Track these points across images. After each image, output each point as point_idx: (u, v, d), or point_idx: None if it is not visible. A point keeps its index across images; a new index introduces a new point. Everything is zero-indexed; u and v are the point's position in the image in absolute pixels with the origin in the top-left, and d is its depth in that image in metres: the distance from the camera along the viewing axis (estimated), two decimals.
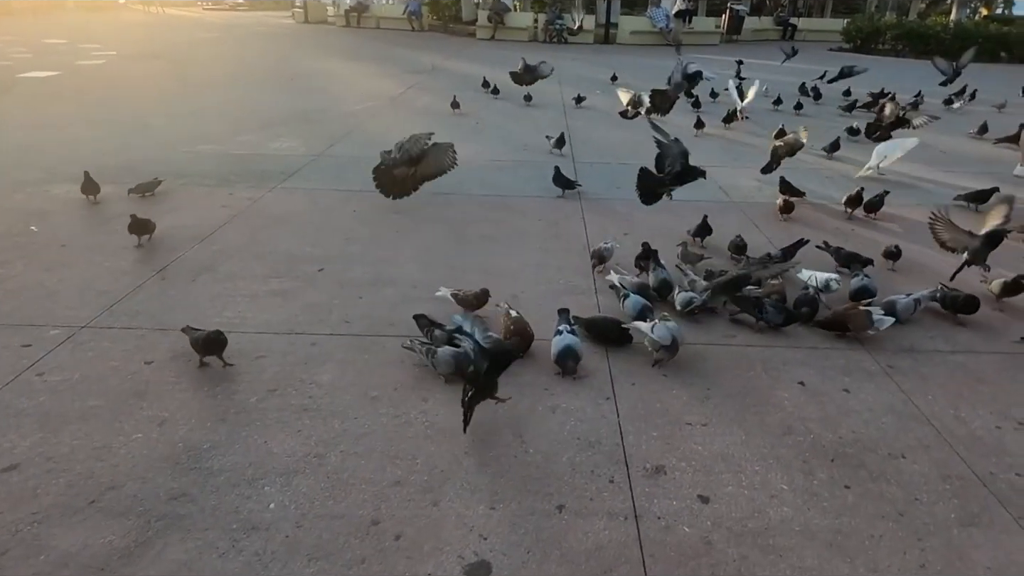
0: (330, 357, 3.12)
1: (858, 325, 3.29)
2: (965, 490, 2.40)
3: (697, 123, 8.01)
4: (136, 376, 2.95)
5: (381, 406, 2.78)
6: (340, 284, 3.83)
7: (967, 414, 2.82)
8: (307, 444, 2.55)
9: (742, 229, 4.83)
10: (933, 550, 2.14)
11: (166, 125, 7.67)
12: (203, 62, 13.68)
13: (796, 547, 2.14)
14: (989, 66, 17.04)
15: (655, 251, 3.86)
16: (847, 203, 5.19)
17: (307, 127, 7.75)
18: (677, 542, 2.16)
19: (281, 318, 3.44)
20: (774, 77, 11.84)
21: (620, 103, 8.26)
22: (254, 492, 2.32)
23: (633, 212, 5.12)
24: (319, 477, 2.39)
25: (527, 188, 5.50)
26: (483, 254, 4.31)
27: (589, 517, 2.24)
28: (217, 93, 9.95)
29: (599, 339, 3.25)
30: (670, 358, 3.05)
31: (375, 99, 9.62)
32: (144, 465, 2.43)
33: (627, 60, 16.33)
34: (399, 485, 2.36)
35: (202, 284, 3.80)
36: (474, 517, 2.23)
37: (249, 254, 4.20)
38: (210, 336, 2.93)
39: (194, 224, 4.65)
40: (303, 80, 11.34)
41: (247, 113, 8.44)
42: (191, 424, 2.65)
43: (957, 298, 3.53)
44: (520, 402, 2.82)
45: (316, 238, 4.48)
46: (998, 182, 6.05)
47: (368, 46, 18.48)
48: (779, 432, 2.68)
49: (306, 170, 6.06)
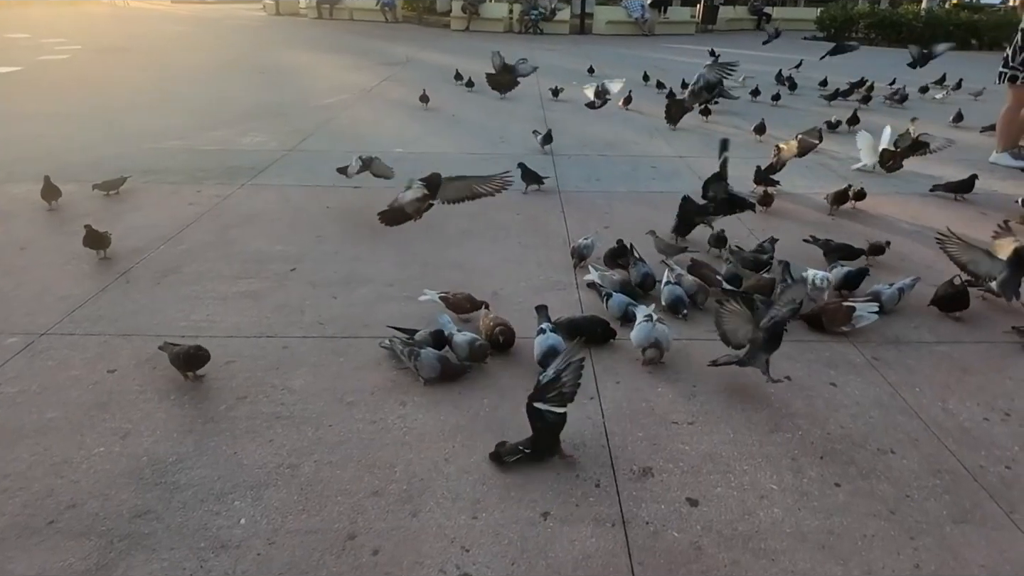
0: (303, 361, 3.00)
1: (835, 321, 3.24)
2: (956, 485, 2.36)
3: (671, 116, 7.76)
4: (98, 386, 2.81)
5: (357, 412, 2.67)
6: (312, 284, 3.71)
7: (954, 406, 2.78)
8: (279, 454, 2.44)
9: (724, 221, 4.77)
10: (926, 549, 2.09)
11: (132, 121, 7.43)
12: (171, 56, 13.35)
13: (788, 550, 2.08)
14: (961, 54, 17.20)
15: (631, 245, 3.78)
16: (834, 200, 5.00)
17: (278, 121, 7.56)
18: (666, 548, 2.09)
19: (251, 320, 3.32)
20: (750, 67, 11.81)
21: (586, 96, 8.08)
22: (223, 507, 2.21)
23: (613, 205, 5.05)
24: (292, 489, 2.28)
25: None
26: (460, 250, 4.21)
27: (575, 524, 2.16)
28: (185, 87, 9.69)
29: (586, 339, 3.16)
30: (659, 357, 2.98)
31: (348, 92, 9.43)
32: (106, 481, 2.31)
33: (604, 51, 16.24)
34: (377, 496, 2.26)
35: (168, 286, 3.65)
36: (455, 528, 2.14)
37: (217, 254, 4.06)
38: (190, 352, 2.76)
39: (160, 223, 4.49)
40: (274, 73, 11.11)
41: (216, 108, 8.22)
42: (156, 436, 2.53)
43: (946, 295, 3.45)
44: (501, 404, 2.73)
45: (287, 236, 4.35)
46: (974, 169, 6.07)
47: (341, 38, 18.20)
48: (767, 429, 2.62)
49: (277, 166, 5.90)
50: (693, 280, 3.52)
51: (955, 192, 5.34)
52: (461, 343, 2.89)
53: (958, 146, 7.09)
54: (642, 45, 18.48)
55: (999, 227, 3.64)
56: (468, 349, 2.87)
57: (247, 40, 17.46)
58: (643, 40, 20.28)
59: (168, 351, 2.84)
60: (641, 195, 5.37)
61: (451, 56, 13.63)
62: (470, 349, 2.86)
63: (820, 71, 10.77)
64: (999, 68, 6.17)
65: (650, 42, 19.56)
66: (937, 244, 3.61)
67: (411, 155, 6.28)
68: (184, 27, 21.11)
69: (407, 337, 2.96)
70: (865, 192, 5.03)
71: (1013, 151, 6.32)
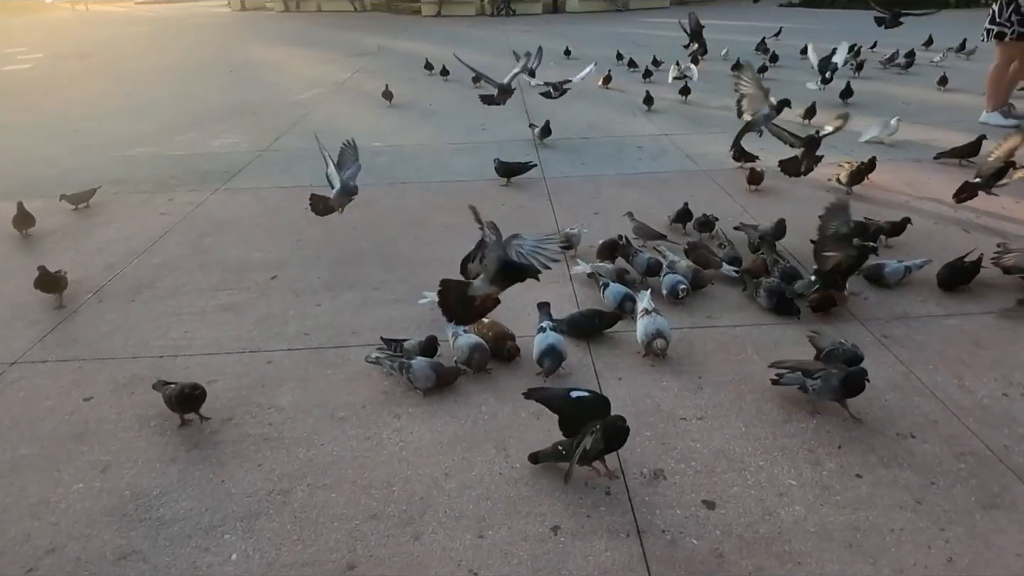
0: (289, 375, 2.85)
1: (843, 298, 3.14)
2: (981, 468, 2.26)
3: (646, 99, 7.33)
4: (74, 416, 2.65)
5: (349, 428, 2.53)
6: (295, 292, 3.55)
7: (971, 382, 2.67)
8: (269, 479, 2.30)
9: (714, 199, 4.67)
10: (958, 540, 1.99)
11: (99, 129, 7.19)
12: (137, 59, 13.01)
13: (814, 551, 1.97)
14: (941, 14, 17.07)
15: (626, 238, 3.64)
16: (849, 182, 4.65)
17: (250, 121, 7.34)
18: (686, 557, 1.97)
19: (232, 335, 3.16)
20: (728, 37, 11.67)
21: (540, 86, 7.43)
22: (212, 542, 2.07)
23: (601, 189, 4.90)
24: (285, 518, 2.14)
25: (488, 171, 5.22)
26: (446, 247, 4.03)
27: (588, 537, 2.04)
28: (153, 91, 9.41)
29: (587, 335, 3.04)
30: (667, 348, 2.84)
31: (320, 86, 9.19)
32: (87, 520, 2.16)
33: (579, 29, 16.01)
34: (375, 519, 2.12)
35: (143, 303, 3.49)
36: (461, 549, 2.01)
37: (193, 265, 3.88)
38: (184, 391, 2.50)
39: (132, 236, 4.30)
40: (243, 71, 10.83)
41: (185, 110, 7.98)
42: (137, 467, 2.38)
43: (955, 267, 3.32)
44: (500, 409, 2.60)
45: (266, 242, 4.17)
46: (965, 130, 5.98)
47: (310, 31, 17.84)
48: (779, 419, 2.51)
49: (251, 168, 5.69)
50: (687, 265, 3.39)
51: (961, 157, 5.15)
52: (463, 347, 2.74)
53: (947, 108, 7.01)
54: (617, 21, 18.26)
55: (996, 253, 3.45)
56: (468, 354, 2.72)
57: (214, 39, 17.07)
58: (618, 16, 20.04)
59: (162, 392, 2.59)
60: (629, 177, 5.22)
61: (424, 43, 13.36)
62: (470, 356, 2.71)
63: (799, 39, 10.61)
64: (985, 25, 6.05)
65: (625, 18, 19.34)
66: (993, 263, 3.44)
67: (389, 149, 6.10)
68: (148, 28, 20.64)
69: (393, 351, 2.81)
70: (875, 162, 4.82)
71: (1003, 109, 6.22)
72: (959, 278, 3.31)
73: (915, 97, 7.69)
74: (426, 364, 2.61)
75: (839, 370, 2.43)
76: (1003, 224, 4.15)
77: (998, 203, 4.42)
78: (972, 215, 4.28)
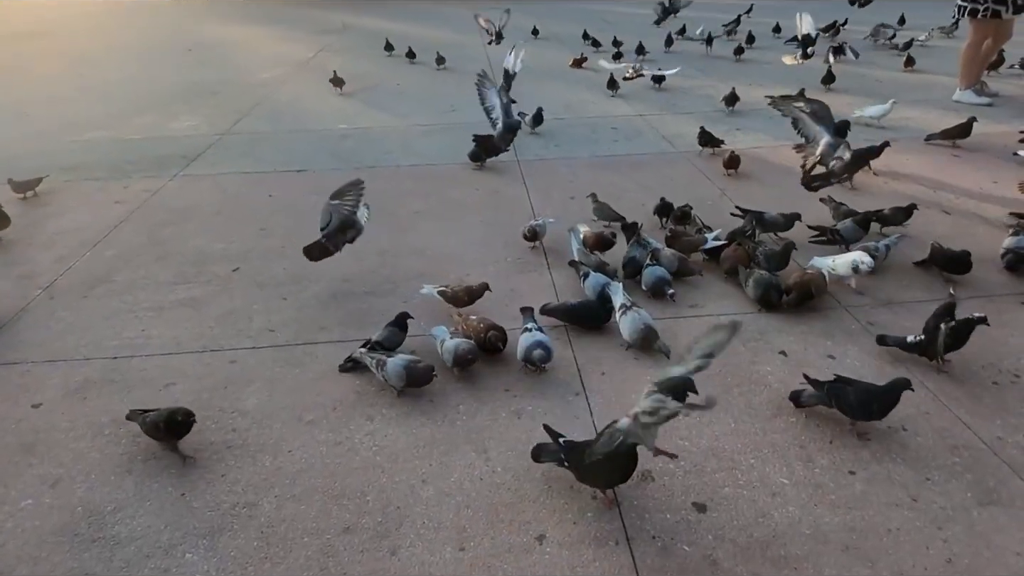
0: (254, 376, 2.69)
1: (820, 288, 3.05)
2: (976, 462, 2.20)
3: (610, 82, 6.99)
4: (22, 424, 2.48)
5: (319, 432, 2.39)
6: (259, 285, 3.37)
7: (960, 371, 2.62)
8: (233, 491, 2.15)
9: (693, 182, 4.57)
10: (956, 539, 1.93)
11: (50, 112, 6.82)
12: (91, 38, 12.44)
13: (810, 555, 1.89)
14: None
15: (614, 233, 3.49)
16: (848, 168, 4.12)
17: (210, 102, 7.03)
18: (678, 565, 1.88)
19: (192, 333, 2.98)
20: (702, 15, 11.52)
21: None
22: (172, 562, 1.93)
23: (576, 172, 4.77)
24: (251, 533, 2.00)
25: (459, 154, 5.04)
26: (419, 234, 3.90)
27: (575, 546, 1.94)
28: (107, 72, 8.98)
29: (582, 324, 2.94)
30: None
31: (283, 65, 8.86)
32: (36, 541, 2.01)
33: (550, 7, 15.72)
34: (349, 533, 1.99)
35: (97, 299, 3.28)
36: (441, 564, 1.89)
37: (150, 257, 3.68)
38: (172, 418, 2.23)
39: (85, 226, 4.07)
40: (202, 50, 10.40)
41: (141, 91, 7.62)
42: (90, 480, 2.22)
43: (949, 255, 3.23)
44: (479, 409, 2.48)
45: (227, 232, 3.97)
46: (939, 109, 5.96)
47: (270, 7, 17.24)
48: (769, 414, 2.43)
49: (211, 152, 5.44)
50: (671, 253, 3.27)
51: (952, 139, 5.06)
52: (448, 349, 2.59)
53: (920, 85, 6.97)
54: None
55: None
56: (452, 356, 2.57)
57: (172, 16, 16.44)
58: None
59: (139, 421, 2.32)
60: (605, 160, 5.09)
61: (391, 21, 12.98)
62: (454, 356, 2.57)
63: (771, 16, 10.51)
64: (957, 2, 5.98)
65: None
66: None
67: (355, 131, 5.88)
68: (104, 6, 19.83)
69: (371, 346, 2.67)
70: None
71: (975, 87, 6.19)
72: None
73: (885, 77, 7.64)
74: (400, 363, 2.46)
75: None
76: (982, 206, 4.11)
77: (977, 182, 4.39)
78: (952, 195, 4.24)
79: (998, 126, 5.40)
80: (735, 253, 3.29)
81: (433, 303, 3.08)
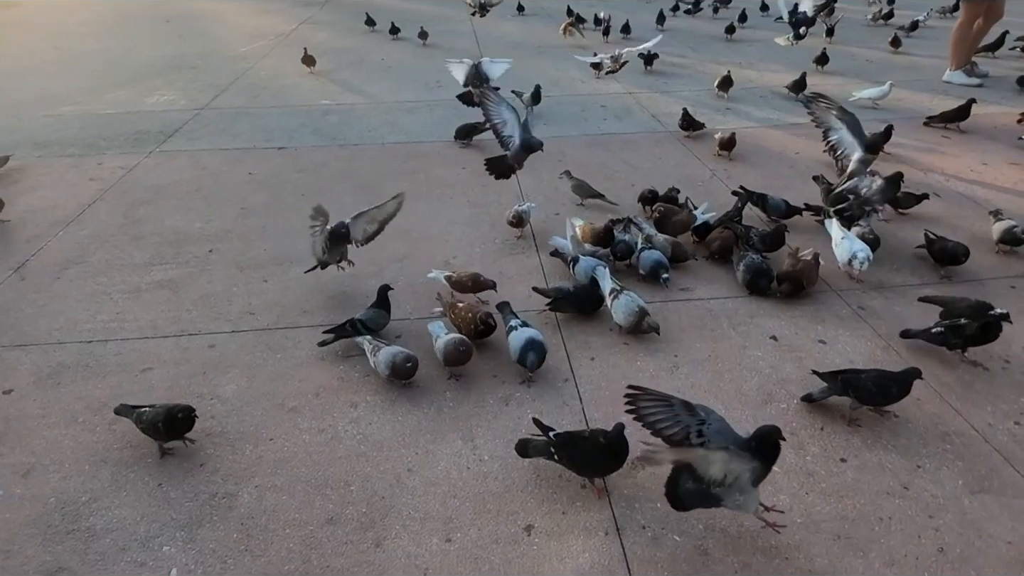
0: (234, 361, 2.62)
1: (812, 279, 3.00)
2: (967, 449, 2.18)
3: (595, 64, 6.72)
4: None
5: (301, 419, 2.33)
6: (239, 266, 3.28)
7: (951, 356, 2.60)
8: (212, 481, 2.09)
9: (683, 162, 4.50)
10: (948, 528, 1.91)
11: (21, 86, 6.60)
12: (65, 9, 12.08)
13: (802, 544, 1.87)
14: None
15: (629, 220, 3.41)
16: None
17: (188, 76, 6.84)
18: (668, 556, 1.85)
19: (170, 316, 2.89)
20: None
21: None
22: (149, 555, 1.86)
23: (565, 151, 4.68)
24: (231, 525, 1.94)
25: (445, 131, 4.94)
26: (403, 214, 3.74)
27: (564, 537, 1.90)
28: (81, 44, 8.71)
29: (582, 311, 2.87)
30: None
31: (264, 38, 8.64)
32: (7, 534, 1.94)
33: None
34: (332, 524, 1.94)
35: (70, 281, 3.18)
36: (427, 555, 1.85)
37: (126, 237, 3.56)
38: (172, 413, 2.12)
39: (58, 204, 3.93)
40: (180, 22, 10.13)
41: (116, 65, 7.39)
42: (64, 470, 2.14)
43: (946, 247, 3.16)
44: (465, 396, 2.42)
45: (206, 211, 3.86)
46: (927, 89, 5.92)
47: None
48: (759, 400, 2.39)
49: (189, 127, 5.28)
50: (665, 239, 3.21)
51: (951, 122, 5.00)
52: (440, 347, 2.49)
53: (910, 66, 6.92)
54: None
55: None
56: (443, 352, 2.48)
57: None
58: None
59: (134, 419, 2.20)
60: (595, 138, 5.01)
61: None
62: (444, 353, 2.47)
63: None
64: None
65: None
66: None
67: (339, 108, 5.74)
68: None
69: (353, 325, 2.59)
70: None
71: (966, 68, 6.16)
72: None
73: (874, 57, 7.57)
74: (388, 355, 2.38)
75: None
76: (972, 188, 4.09)
77: (967, 166, 4.37)
78: (942, 179, 4.21)
79: (987, 107, 5.36)
80: (721, 235, 3.25)
81: (419, 288, 3.00)
